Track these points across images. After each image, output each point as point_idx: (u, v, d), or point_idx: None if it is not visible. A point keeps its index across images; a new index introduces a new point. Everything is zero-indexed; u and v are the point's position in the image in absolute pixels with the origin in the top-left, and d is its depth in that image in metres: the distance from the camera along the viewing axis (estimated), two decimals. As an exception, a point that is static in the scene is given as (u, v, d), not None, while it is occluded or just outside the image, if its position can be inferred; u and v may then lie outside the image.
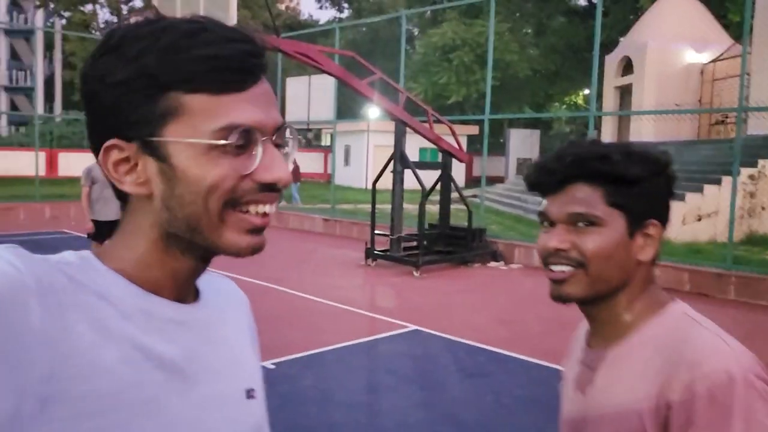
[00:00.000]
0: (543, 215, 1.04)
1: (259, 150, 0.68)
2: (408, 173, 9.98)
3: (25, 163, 17.59)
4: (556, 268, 1.01)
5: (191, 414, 0.71)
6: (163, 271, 0.72)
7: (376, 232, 10.50)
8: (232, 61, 0.66)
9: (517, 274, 10.00)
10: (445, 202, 10.88)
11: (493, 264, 10.64)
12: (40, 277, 0.62)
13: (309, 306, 7.48)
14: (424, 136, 10.26)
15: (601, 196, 0.99)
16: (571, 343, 1.20)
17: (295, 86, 15.61)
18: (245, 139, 0.67)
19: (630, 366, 0.97)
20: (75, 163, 27.64)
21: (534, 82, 30.90)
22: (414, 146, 12.68)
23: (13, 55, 46.24)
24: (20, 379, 0.58)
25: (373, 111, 16.49)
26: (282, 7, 45.87)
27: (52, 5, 37.81)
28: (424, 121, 10.45)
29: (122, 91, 0.67)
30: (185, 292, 0.75)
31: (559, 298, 1.02)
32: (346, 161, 28.57)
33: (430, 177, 10.32)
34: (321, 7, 42.82)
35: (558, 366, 4.83)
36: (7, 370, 0.57)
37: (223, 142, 0.66)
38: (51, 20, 42.15)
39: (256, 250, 0.72)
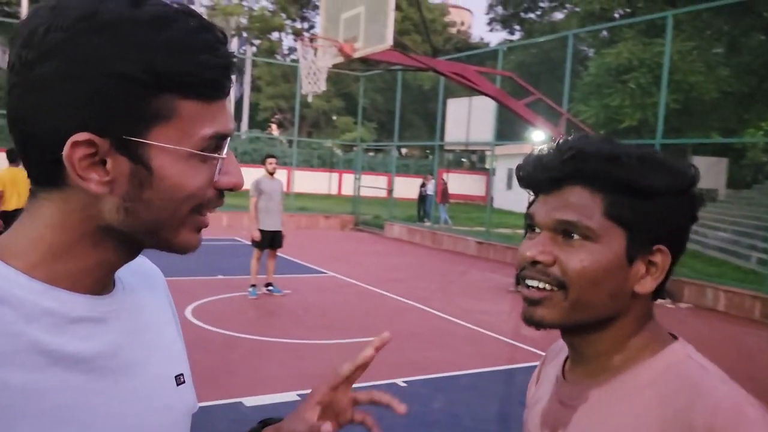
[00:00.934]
0: (529, 217, 0.87)
1: (224, 156, 0.67)
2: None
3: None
4: (531, 283, 0.83)
5: (118, 410, 0.67)
6: (83, 264, 0.67)
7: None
8: (227, 69, 0.65)
9: (687, 315, 9.10)
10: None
11: (658, 301, 9.75)
12: None
13: (450, 328, 7.36)
14: (586, 160, 9.74)
15: (601, 204, 0.80)
16: (542, 364, 1.04)
17: (456, 107, 15.65)
18: (226, 148, 0.67)
19: (622, 412, 0.81)
20: (254, 177, 30.00)
21: (724, 106, 28.31)
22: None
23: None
24: None
25: (537, 134, 16.08)
26: (453, 30, 46.53)
27: (245, 34, 41.55)
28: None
29: (116, 83, 0.59)
30: (102, 284, 0.70)
31: (531, 322, 0.84)
32: (509, 185, 28.06)
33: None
34: (491, 30, 42.75)
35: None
36: None
37: (217, 156, 0.66)
38: (243, 48, 46.37)
39: (198, 247, 0.72)
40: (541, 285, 0.82)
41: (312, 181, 30.51)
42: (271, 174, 8.28)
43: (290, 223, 16.47)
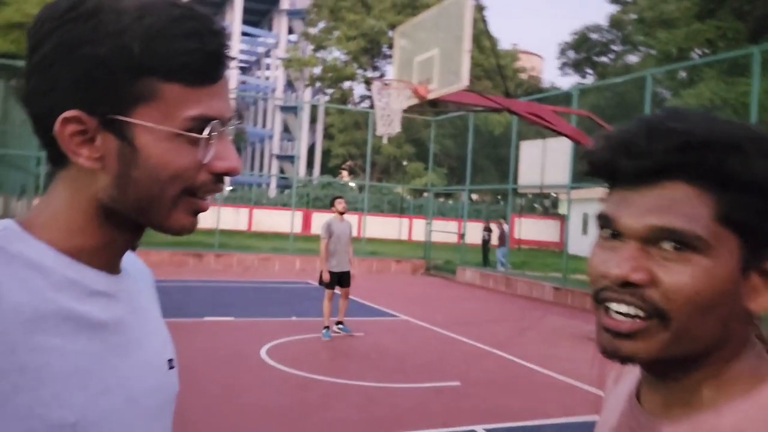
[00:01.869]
0: (605, 219, 0.67)
1: (217, 141, 0.70)
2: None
3: (286, 220, 19.74)
4: (619, 309, 0.64)
5: (122, 382, 0.71)
6: (96, 242, 0.71)
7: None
8: (212, 55, 0.68)
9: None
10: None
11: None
12: None
13: (530, 375, 7.05)
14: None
15: (711, 205, 0.62)
16: (610, 382, 0.85)
17: (530, 150, 15.44)
18: (210, 129, 0.68)
19: None
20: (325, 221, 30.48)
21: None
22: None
23: (285, 128, 53.09)
24: None
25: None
26: (524, 76, 46.50)
27: (318, 84, 42.88)
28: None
29: (96, 66, 0.64)
30: (114, 264, 0.75)
31: (615, 356, 0.65)
32: (584, 230, 27.29)
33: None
34: (563, 74, 42.44)
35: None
36: None
37: (197, 136, 0.68)
38: (317, 96, 47.81)
39: (193, 229, 0.74)
40: (632, 312, 0.63)
41: (382, 227, 30.67)
42: (341, 214, 8.37)
43: (362, 266, 16.50)
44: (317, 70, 41.81)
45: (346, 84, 42.44)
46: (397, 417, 5.21)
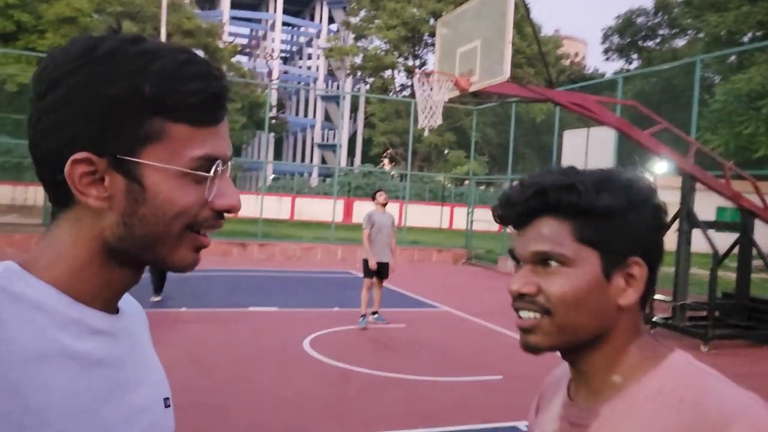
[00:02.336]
0: (511, 253, 0.93)
1: (218, 179, 0.73)
2: (696, 234, 8.90)
3: (328, 209, 19.90)
4: (523, 314, 0.89)
5: (123, 420, 0.73)
6: (98, 282, 0.73)
7: (656, 296, 9.51)
8: (216, 97, 0.72)
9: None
10: (744, 269, 9.43)
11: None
12: None
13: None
14: (720, 193, 9.08)
15: (570, 231, 0.86)
16: (541, 392, 1.08)
17: (573, 139, 15.19)
18: (215, 168, 0.72)
19: (635, 424, 0.84)
20: (366, 211, 30.63)
21: None
22: (710, 205, 11.35)
23: (327, 117, 53.38)
24: None
25: (659, 165, 15.31)
26: (566, 62, 45.62)
27: (359, 73, 42.92)
28: (720, 176, 9.28)
29: (111, 105, 0.67)
30: (113, 304, 0.77)
31: (527, 348, 0.90)
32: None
33: (726, 239, 9.10)
34: (607, 59, 41.54)
35: None
36: None
37: (205, 174, 0.71)
38: (357, 86, 47.88)
39: (195, 265, 0.77)
40: (531, 315, 0.87)
41: (424, 215, 30.64)
42: (383, 206, 8.46)
43: (403, 256, 16.53)
44: (358, 60, 41.83)
45: (387, 73, 42.34)
46: (437, 411, 5.25)
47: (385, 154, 45.38)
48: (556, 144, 15.78)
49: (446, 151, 38.32)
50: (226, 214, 0.76)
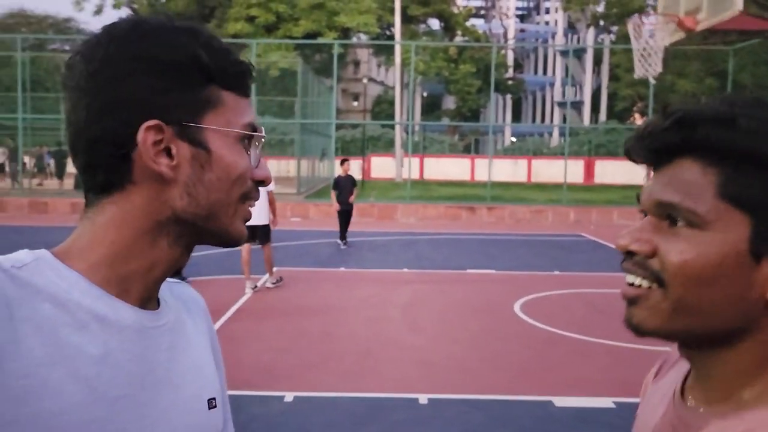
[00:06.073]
0: (637, 197, 0.72)
1: (264, 135, 0.76)
2: None
3: (569, 170, 19.14)
4: (628, 279, 0.68)
5: (149, 427, 0.70)
6: (139, 265, 0.71)
7: None
8: (249, 70, 0.75)
9: None
10: None
11: None
12: None
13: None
14: None
15: (714, 182, 0.63)
16: (650, 378, 0.87)
17: None
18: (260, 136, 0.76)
19: None
20: (610, 170, 28.88)
21: None
22: None
23: (567, 73, 51.03)
24: None
25: None
26: None
27: (602, 23, 40.18)
28: None
29: (175, 73, 0.68)
30: (151, 295, 0.74)
31: (629, 326, 0.68)
32: None
33: None
34: None
35: None
36: None
37: (261, 136, 0.75)
38: (600, 36, 44.88)
39: (245, 238, 0.77)
40: (638, 281, 0.67)
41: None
42: None
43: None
44: (600, 8, 39.12)
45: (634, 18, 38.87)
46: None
47: (635, 108, 42.05)
48: None
49: (704, 100, 34.18)
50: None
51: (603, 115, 46.10)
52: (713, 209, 0.63)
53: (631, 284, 0.68)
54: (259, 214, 7.85)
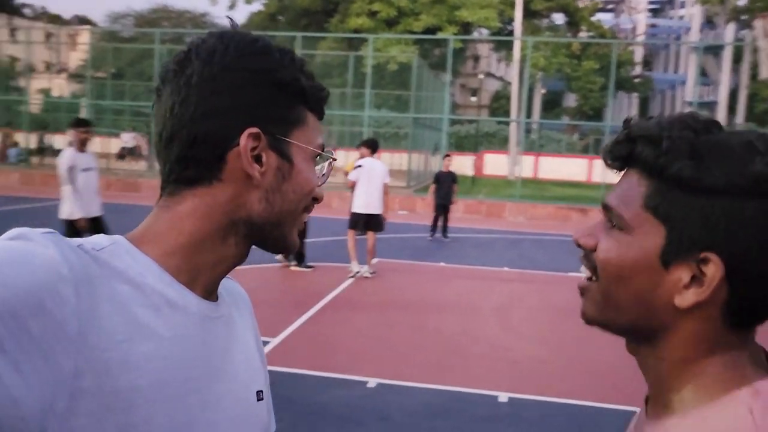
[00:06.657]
0: None
1: (335, 158, 0.84)
2: None
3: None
4: (582, 271, 0.78)
5: (207, 413, 0.74)
6: (210, 258, 0.75)
7: None
8: (326, 96, 0.82)
9: None
10: None
11: None
12: (74, 264, 0.64)
13: None
14: None
15: (643, 193, 0.71)
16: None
17: None
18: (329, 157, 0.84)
19: None
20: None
21: None
22: None
23: (702, 72, 47.78)
24: (55, 372, 0.60)
25: None
26: None
27: (743, 17, 37.25)
28: None
29: (280, 89, 0.76)
30: (213, 288, 0.78)
31: (582, 315, 0.77)
32: None
33: None
34: None
35: None
36: (42, 363, 0.60)
37: (333, 157, 0.83)
38: (742, 32, 41.59)
39: (296, 249, 0.86)
40: (586, 274, 0.76)
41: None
42: None
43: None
44: (742, 1, 36.27)
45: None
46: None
47: (777, 110, 38.64)
48: None
49: None
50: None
51: (740, 117, 42.76)
52: (636, 217, 0.70)
53: (583, 276, 0.77)
54: (376, 204, 8.11)
